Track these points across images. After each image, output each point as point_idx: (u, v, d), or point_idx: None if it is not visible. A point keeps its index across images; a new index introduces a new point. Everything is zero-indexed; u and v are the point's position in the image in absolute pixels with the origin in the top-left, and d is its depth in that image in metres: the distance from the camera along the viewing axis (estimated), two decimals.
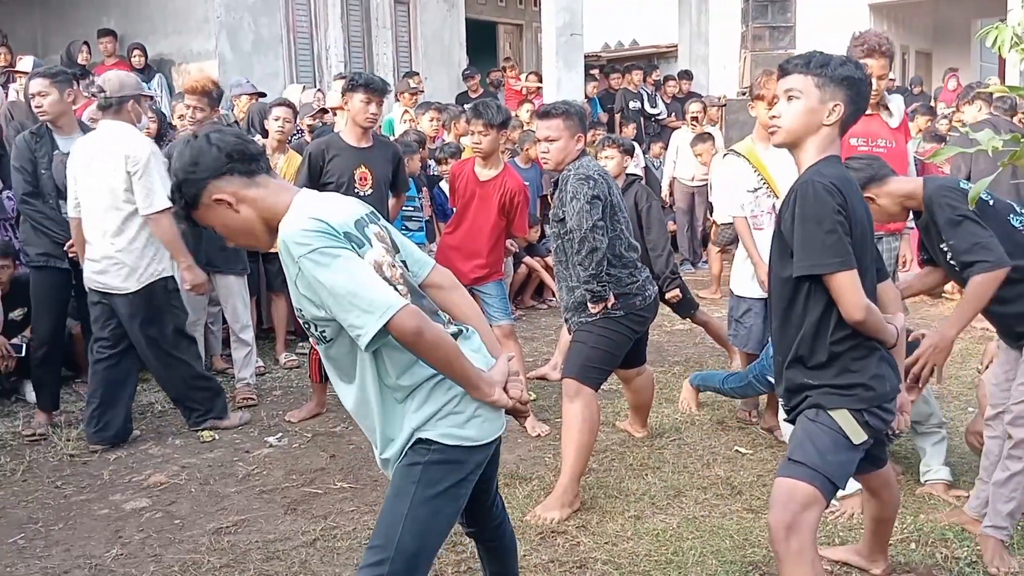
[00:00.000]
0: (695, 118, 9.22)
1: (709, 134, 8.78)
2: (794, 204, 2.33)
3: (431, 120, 7.44)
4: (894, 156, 3.78)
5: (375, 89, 4.54)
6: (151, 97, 6.92)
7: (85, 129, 4.64)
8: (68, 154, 4.39)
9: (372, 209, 2.21)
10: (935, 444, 3.68)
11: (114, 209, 4.24)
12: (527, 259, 7.29)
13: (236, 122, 7.08)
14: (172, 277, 4.43)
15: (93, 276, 4.33)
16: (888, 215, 3.21)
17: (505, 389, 2.13)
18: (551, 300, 7.54)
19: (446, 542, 3.11)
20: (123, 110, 4.35)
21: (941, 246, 3.03)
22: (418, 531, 2.06)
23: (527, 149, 7.07)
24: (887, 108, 3.96)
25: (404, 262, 2.18)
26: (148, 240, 4.29)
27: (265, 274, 5.91)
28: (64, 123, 4.53)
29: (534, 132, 7.21)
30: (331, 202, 2.09)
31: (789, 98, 2.39)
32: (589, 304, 3.63)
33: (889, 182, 3.15)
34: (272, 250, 2.11)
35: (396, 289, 2.04)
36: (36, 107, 4.46)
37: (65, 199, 4.43)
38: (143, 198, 4.20)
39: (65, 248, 4.47)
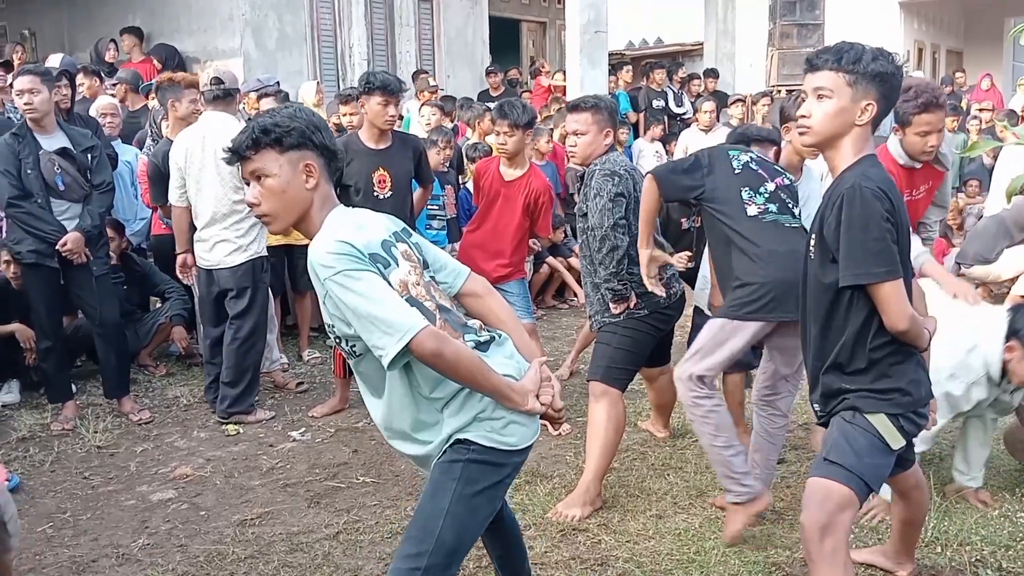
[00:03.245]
0: (709, 125, 8.69)
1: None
2: (840, 209, 2.25)
3: (431, 115, 7.32)
4: (928, 197, 3.77)
5: (392, 91, 4.51)
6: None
7: (63, 128, 4.61)
8: (57, 152, 4.43)
9: (404, 227, 2.22)
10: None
11: (233, 190, 4.53)
12: (550, 259, 7.28)
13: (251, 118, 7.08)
14: (266, 257, 4.78)
15: (203, 256, 4.68)
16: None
17: (537, 396, 2.13)
18: (572, 300, 7.53)
19: None
20: (232, 102, 4.63)
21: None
22: (457, 527, 2.07)
23: (538, 143, 7.01)
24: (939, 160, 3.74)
25: (433, 278, 2.20)
26: (253, 221, 4.57)
27: (291, 273, 5.93)
28: (47, 122, 4.50)
29: (545, 128, 7.22)
30: (360, 222, 2.11)
31: (819, 97, 2.30)
32: (611, 304, 3.61)
33: None
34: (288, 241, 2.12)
35: (423, 306, 2.07)
36: (26, 104, 4.39)
37: (55, 196, 4.46)
38: None
39: (57, 247, 4.41)
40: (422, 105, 7.83)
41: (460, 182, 6.85)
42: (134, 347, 5.45)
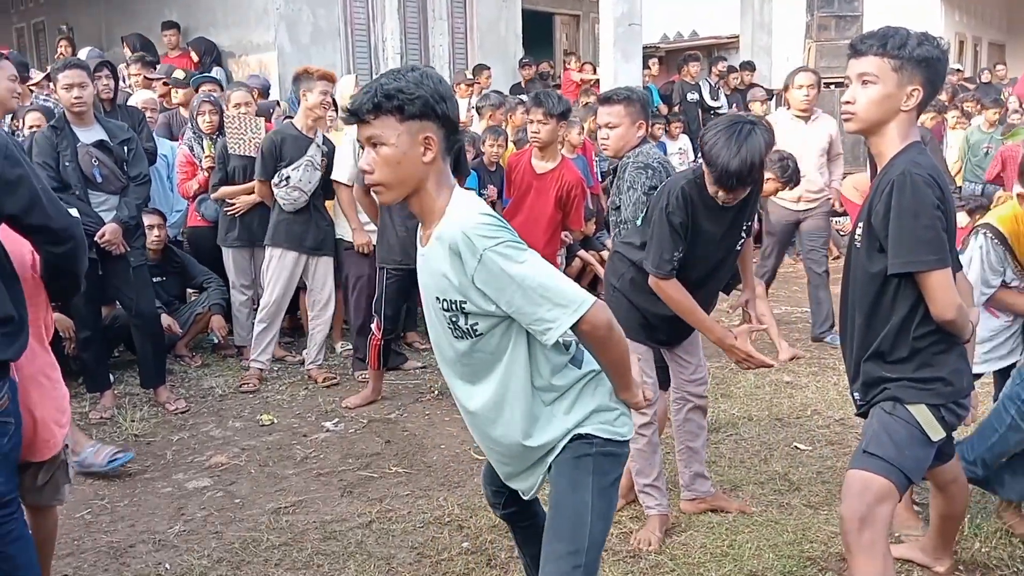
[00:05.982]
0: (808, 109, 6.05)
1: None
2: (889, 196, 2.21)
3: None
4: None
5: None
6: (219, 84, 7.03)
7: (100, 120, 4.65)
8: (94, 144, 4.48)
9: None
10: None
11: None
12: (581, 252, 7.26)
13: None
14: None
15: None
16: None
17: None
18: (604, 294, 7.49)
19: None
20: None
21: None
22: (603, 520, 2.05)
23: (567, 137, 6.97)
24: None
25: None
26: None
27: None
28: (87, 115, 4.54)
29: (577, 120, 7.18)
30: (484, 204, 2.03)
31: (864, 82, 2.26)
32: None
33: None
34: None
35: None
36: (76, 98, 4.41)
37: (93, 188, 4.49)
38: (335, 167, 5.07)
39: (96, 238, 4.41)
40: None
41: None
42: (171, 338, 5.52)
